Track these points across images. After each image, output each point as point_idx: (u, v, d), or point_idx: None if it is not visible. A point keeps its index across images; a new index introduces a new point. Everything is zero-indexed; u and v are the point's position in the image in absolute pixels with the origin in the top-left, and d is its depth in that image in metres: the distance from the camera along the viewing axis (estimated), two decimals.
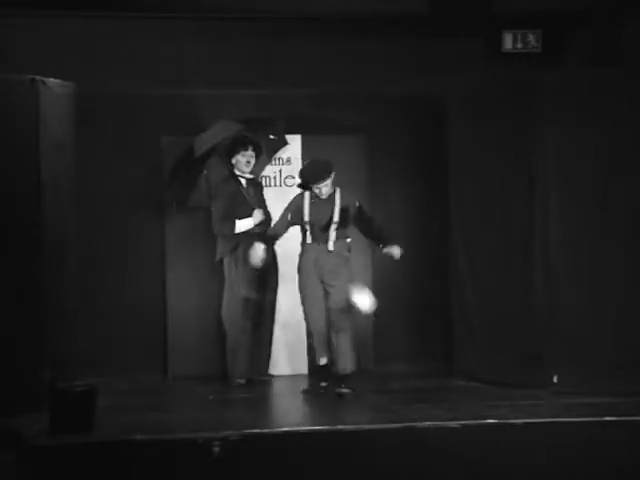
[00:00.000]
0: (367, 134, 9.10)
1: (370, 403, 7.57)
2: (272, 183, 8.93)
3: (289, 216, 7.85)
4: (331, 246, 7.75)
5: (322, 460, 6.07)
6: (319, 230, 7.75)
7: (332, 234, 7.76)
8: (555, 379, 7.76)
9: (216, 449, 5.94)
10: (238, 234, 8.17)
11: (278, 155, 8.87)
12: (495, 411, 6.68)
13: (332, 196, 7.80)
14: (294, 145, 8.91)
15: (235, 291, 8.23)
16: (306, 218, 7.75)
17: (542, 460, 6.17)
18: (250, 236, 8.09)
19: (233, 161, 8.38)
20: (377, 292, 9.05)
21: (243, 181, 8.40)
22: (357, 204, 7.87)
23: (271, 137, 8.64)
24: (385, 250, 7.82)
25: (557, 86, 7.91)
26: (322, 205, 7.77)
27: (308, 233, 7.79)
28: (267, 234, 7.99)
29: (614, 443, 6.24)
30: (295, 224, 7.87)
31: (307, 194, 7.80)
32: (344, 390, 7.68)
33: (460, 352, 8.50)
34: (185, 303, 8.88)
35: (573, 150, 7.86)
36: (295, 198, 7.88)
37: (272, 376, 8.58)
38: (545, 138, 7.89)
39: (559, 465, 6.18)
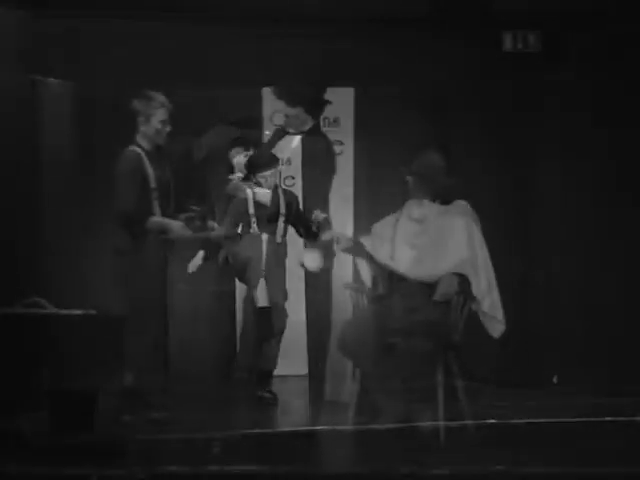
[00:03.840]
0: (367, 133, 9.11)
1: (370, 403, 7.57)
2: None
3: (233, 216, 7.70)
4: (279, 238, 7.67)
5: (322, 460, 6.07)
6: (266, 221, 7.66)
7: (281, 226, 7.68)
8: (555, 379, 7.77)
9: (216, 449, 5.94)
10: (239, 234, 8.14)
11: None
12: (495, 411, 6.68)
13: (275, 191, 7.71)
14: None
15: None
16: (251, 211, 7.65)
17: (542, 460, 6.17)
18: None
19: (234, 162, 8.38)
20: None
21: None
22: (298, 201, 7.83)
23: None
24: (313, 217, 7.56)
25: (557, 86, 7.91)
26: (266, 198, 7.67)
27: (255, 226, 7.66)
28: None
29: (614, 443, 6.25)
30: (240, 220, 7.69)
31: (249, 192, 7.70)
32: (266, 394, 7.53)
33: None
34: (185, 303, 8.88)
35: (574, 150, 7.87)
36: (236, 200, 7.75)
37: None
38: (545, 138, 7.90)
39: (559, 465, 6.17)
